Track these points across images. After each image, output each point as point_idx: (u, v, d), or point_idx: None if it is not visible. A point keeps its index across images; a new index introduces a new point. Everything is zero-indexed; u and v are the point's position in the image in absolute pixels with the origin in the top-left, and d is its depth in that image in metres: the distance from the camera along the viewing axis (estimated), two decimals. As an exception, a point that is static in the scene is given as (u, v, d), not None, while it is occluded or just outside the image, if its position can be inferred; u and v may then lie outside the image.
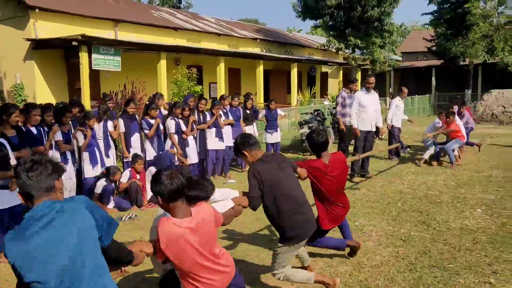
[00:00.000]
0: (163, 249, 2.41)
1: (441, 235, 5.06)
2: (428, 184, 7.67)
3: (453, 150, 9.09)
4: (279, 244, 3.50)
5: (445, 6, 26.44)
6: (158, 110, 7.52)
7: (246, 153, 3.47)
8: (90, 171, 6.53)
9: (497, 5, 25.73)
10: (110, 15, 16.05)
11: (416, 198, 6.72)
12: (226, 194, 3.38)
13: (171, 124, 7.54)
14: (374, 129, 8.18)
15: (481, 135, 14.17)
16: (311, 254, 4.54)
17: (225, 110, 8.93)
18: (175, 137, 7.56)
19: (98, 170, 6.62)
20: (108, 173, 6.56)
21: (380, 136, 8.66)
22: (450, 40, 25.40)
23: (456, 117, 9.54)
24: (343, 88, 9.89)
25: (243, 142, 3.50)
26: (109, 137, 7.03)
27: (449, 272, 4.08)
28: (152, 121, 7.34)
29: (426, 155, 9.41)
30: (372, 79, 8.06)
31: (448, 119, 9.13)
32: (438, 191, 7.09)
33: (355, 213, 6.00)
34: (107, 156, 6.90)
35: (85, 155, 6.50)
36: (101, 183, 6.54)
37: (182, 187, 2.49)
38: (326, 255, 4.55)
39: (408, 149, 11.45)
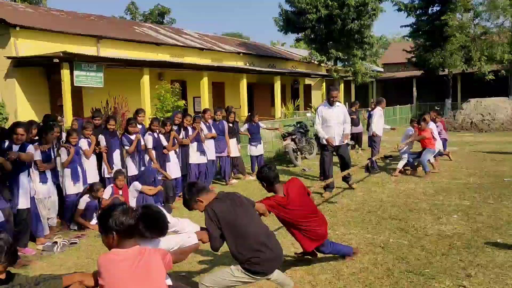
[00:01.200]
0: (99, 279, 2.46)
1: (419, 241, 5.18)
2: (407, 192, 7.83)
3: (428, 161, 9.29)
4: (239, 268, 3.39)
5: (423, 18, 27.11)
6: (137, 126, 7.55)
7: (201, 199, 3.44)
8: (71, 188, 6.52)
9: (473, 17, 26.50)
10: (92, 32, 16.11)
11: (396, 206, 6.86)
12: (185, 226, 3.36)
13: (148, 139, 7.59)
14: (339, 143, 7.85)
15: (460, 143, 14.49)
16: (290, 263, 4.61)
17: (208, 124, 9.01)
18: (153, 152, 7.60)
19: (80, 187, 6.61)
20: (91, 189, 6.56)
21: (347, 143, 8.31)
22: (429, 51, 26.02)
23: (431, 123, 9.76)
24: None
25: (192, 192, 3.46)
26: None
27: (425, 276, 4.19)
28: (132, 137, 7.37)
29: (400, 165, 9.51)
30: (335, 93, 7.83)
31: (420, 126, 9.28)
32: (417, 199, 7.25)
33: (335, 222, 6.11)
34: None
35: (67, 172, 6.49)
36: (85, 199, 6.54)
37: (133, 227, 2.53)
38: (306, 263, 4.62)
39: (390, 158, 11.66)
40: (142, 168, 7.40)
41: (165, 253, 2.69)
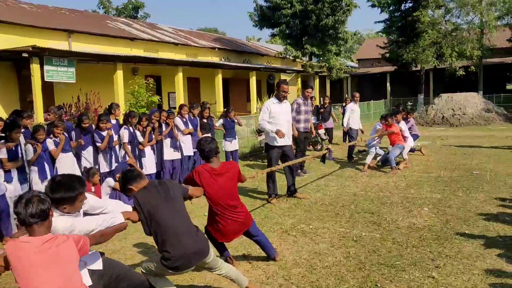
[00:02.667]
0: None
1: (390, 234, 5.28)
2: (380, 186, 7.97)
3: (397, 156, 9.37)
4: (160, 261, 3.35)
5: (396, 14, 27.55)
6: (108, 122, 7.42)
7: (133, 187, 3.40)
8: (39, 185, 6.35)
9: (444, 13, 27.08)
10: (63, 26, 15.72)
11: (369, 200, 6.97)
12: (118, 208, 3.34)
13: (124, 133, 7.49)
14: (289, 143, 7.19)
15: (432, 138, 14.82)
16: (264, 258, 4.63)
17: (184, 120, 8.94)
18: (129, 147, 7.51)
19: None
20: None
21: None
22: (401, 47, 26.48)
23: (402, 122, 9.89)
24: (300, 95, 10.00)
25: (127, 178, 3.43)
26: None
27: (396, 268, 4.28)
28: (104, 134, 7.25)
29: (368, 160, 9.52)
30: (286, 87, 7.04)
31: (387, 122, 9.38)
32: (389, 192, 7.38)
33: (310, 217, 6.17)
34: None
35: (34, 169, 6.31)
36: None
37: (40, 212, 2.49)
38: (280, 259, 4.64)
39: (364, 153, 11.85)
40: (115, 165, 7.30)
41: (78, 238, 2.62)
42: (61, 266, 2.46)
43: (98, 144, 7.19)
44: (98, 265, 3.01)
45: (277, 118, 6.94)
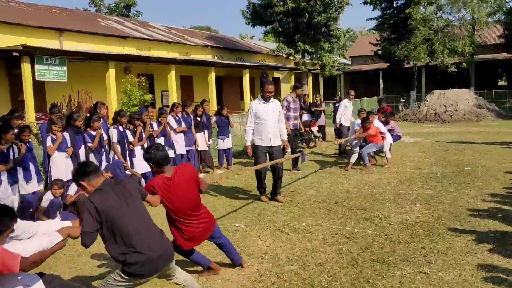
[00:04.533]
0: None
1: (383, 231, 5.31)
2: (373, 182, 8.00)
3: (369, 154, 9.28)
4: (120, 273, 3.08)
5: (388, 11, 27.64)
6: (100, 121, 7.37)
7: (84, 183, 3.11)
8: (24, 187, 6.26)
9: (436, 10, 27.21)
10: (54, 24, 15.62)
11: (361, 196, 7.00)
12: (53, 227, 3.04)
13: (113, 133, 7.45)
14: (277, 143, 6.84)
15: (424, 134, 14.90)
16: (257, 255, 4.64)
17: (177, 118, 8.93)
18: (118, 146, 7.46)
19: (35, 185, 6.38)
20: (52, 186, 6.37)
21: (286, 150, 7.16)
22: (394, 44, 26.57)
23: (376, 121, 9.73)
24: (290, 93, 9.96)
25: (79, 172, 3.15)
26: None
27: (388, 265, 4.30)
28: (94, 133, 7.21)
29: (353, 159, 9.35)
30: (271, 87, 6.73)
31: (364, 126, 9.18)
32: (382, 189, 7.42)
33: (302, 214, 6.19)
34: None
35: (19, 171, 6.22)
36: (48, 196, 6.34)
37: None
38: (273, 256, 4.66)
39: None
40: (105, 164, 7.26)
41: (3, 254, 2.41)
42: None
43: (89, 144, 7.14)
44: (39, 286, 2.79)
45: (264, 118, 6.70)
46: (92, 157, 7.24)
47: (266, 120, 6.72)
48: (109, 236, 3.00)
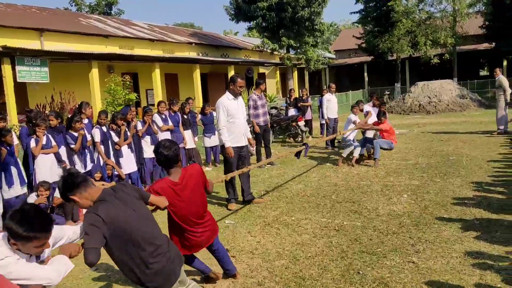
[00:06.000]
0: None
1: (371, 222, 5.36)
2: (360, 175, 8.06)
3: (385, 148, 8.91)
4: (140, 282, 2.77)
5: (370, 4, 27.82)
6: (82, 122, 7.27)
7: (75, 198, 2.64)
8: (7, 192, 6.16)
9: (418, 2, 27.47)
10: (35, 24, 15.37)
11: (349, 189, 7.05)
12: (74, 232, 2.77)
13: (96, 133, 7.36)
14: (246, 142, 6.58)
15: (409, 125, 15.06)
16: (247, 251, 4.64)
17: (163, 116, 8.86)
18: (102, 147, 7.38)
19: (18, 189, 6.28)
20: (37, 188, 6.28)
21: (251, 149, 6.74)
22: (377, 37, 26.77)
23: (371, 108, 9.77)
24: (254, 91, 9.76)
25: (67, 186, 2.65)
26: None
27: (377, 255, 4.34)
28: (76, 134, 7.12)
29: (346, 153, 9.19)
30: (243, 82, 6.34)
31: (379, 121, 8.93)
32: (369, 181, 7.48)
33: (291, 208, 6.21)
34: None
35: (1, 175, 6.10)
36: (33, 198, 6.26)
37: None
38: (263, 251, 4.67)
39: (343, 144, 11.98)
40: (91, 165, 7.18)
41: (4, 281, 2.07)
42: None
43: (72, 146, 7.05)
44: None
45: (236, 116, 6.32)
46: (76, 159, 7.15)
47: (238, 118, 6.36)
48: (123, 251, 2.65)
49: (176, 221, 3.47)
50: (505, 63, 27.03)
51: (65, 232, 2.71)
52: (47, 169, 6.61)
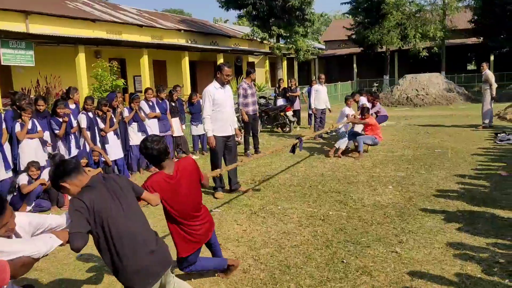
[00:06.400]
0: None
1: (356, 212, 5.41)
2: (347, 166, 8.11)
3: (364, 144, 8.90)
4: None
5: (362, -5, 27.79)
6: (65, 107, 7.17)
7: (66, 185, 2.61)
8: None
9: (408, -6, 27.54)
10: (20, 6, 15.01)
11: (336, 179, 7.10)
12: (59, 223, 2.71)
13: (82, 118, 7.28)
14: (233, 132, 6.51)
15: (397, 118, 15.17)
16: (233, 239, 4.66)
17: (151, 103, 8.79)
18: (88, 133, 7.31)
19: (2, 173, 6.19)
20: (27, 168, 6.22)
21: (237, 139, 6.81)
22: (367, 28, 26.82)
23: (363, 98, 9.87)
24: (244, 79, 9.73)
25: (58, 173, 2.63)
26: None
27: (361, 245, 4.39)
28: (61, 120, 7.04)
29: (339, 145, 9.10)
30: (230, 70, 6.29)
31: (363, 116, 8.87)
32: (356, 172, 7.54)
33: (278, 197, 6.24)
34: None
35: None
36: (23, 177, 6.19)
37: None
38: (249, 239, 4.69)
39: (333, 133, 12.02)
40: (76, 151, 7.11)
41: None
42: None
43: (56, 131, 6.97)
44: None
45: (222, 105, 6.23)
46: (60, 144, 7.08)
47: (225, 107, 6.27)
48: (104, 239, 2.59)
49: (173, 216, 3.37)
50: (492, 58, 27.31)
51: (46, 221, 2.64)
52: (32, 153, 6.55)
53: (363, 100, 10.10)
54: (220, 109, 6.23)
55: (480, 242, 4.27)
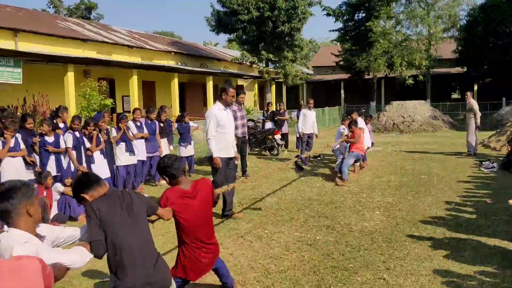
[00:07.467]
0: None
1: (344, 238, 5.38)
2: (334, 190, 8.11)
3: (352, 164, 9.14)
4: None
5: (349, 24, 28.40)
6: (50, 125, 7.12)
7: (87, 196, 2.72)
8: None
9: (395, 24, 28.24)
10: (9, 24, 15.01)
11: (323, 204, 7.08)
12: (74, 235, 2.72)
13: (68, 138, 7.20)
14: (234, 154, 6.52)
15: (383, 144, 15.32)
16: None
17: (139, 123, 8.74)
18: (74, 152, 7.22)
19: None
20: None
21: (236, 162, 6.80)
22: (355, 55, 27.30)
23: (364, 125, 10.12)
24: (234, 101, 9.66)
25: (81, 185, 2.76)
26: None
27: (349, 271, 4.35)
28: (47, 138, 6.95)
29: (338, 167, 9.20)
30: (234, 91, 6.32)
31: (350, 129, 9.26)
32: (343, 197, 7.53)
33: (265, 221, 6.18)
34: None
35: None
36: (59, 187, 6.09)
37: None
38: (235, 264, 4.61)
39: (319, 158, 12.07)
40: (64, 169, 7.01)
41: (45, 265, 1.91)
42: None
43: (47, 147, 6.90)
44: None
45: (226, 126, 6.20)
46: (50, 160, 6.98)
47: (228, 128, 6.26)
48: (110, 247, 2.64)
49: (183, 234, 3.39)
50: (475, 87, 27.93)
51: (64, 232, 2.69)
52: (13, 172, 6.42)
53: (360, 120, 10.26)
54: (224, 131, 6.18)
55: (467, 270, 4.27)
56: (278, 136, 12.81)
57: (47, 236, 2.51)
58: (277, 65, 24.00)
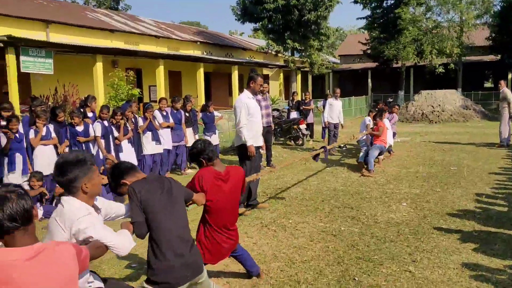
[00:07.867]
0: None
1: (369, 229, 5.32)
2: (360, 181, 8.02)
3: (376, 156, 8.95)
4: (144, 285, 2.77)
5: (377, 11, 27.76)
6: (80, 116, 7.29)
7: (127, 181, 2.81)
8: (8, 177, 6.17)
9: (425, 11, 27.42)
10: (41, 16, 15.36)
11: (348, 194, 7.01)
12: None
13: (97, 127, 7.36)
14: (262, 143, 6.50)
15: (412, 134, 15.02)
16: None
17: (165, 113, 8.84)
18: (102, 141, 7.37)
19: (18, 176, 6.27)
20: (30, 177, 6.26)
21: (262, 151, 6.71)
22: (383, 43, 26.72)
23: (386, 120, 9.84)
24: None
25: (116, 175, 2.85)
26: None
27: (373, 263, 4.30)
28: (77, 128, 7.13)
29: (363, 158, 9.11)
30: (262, 80, 6.26)
31: (375, 121, 9.22)
32: (369, 188, 7.44)
33: (289, 211, 6.17)
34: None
35: (5, 160, 6.14)
36: (25, 187, 6.24)
37: (24, 212, 1.76)
38: (259, 253, 4.63)
39: (344, 148, 11.96)
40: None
41: (80, 249, 2.00)
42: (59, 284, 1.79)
43: (78, 138, 7.09)
44: (99, 283, 2.53)
45: (255, 115, 6.14)
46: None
47: (257, 117, 6.20)
48: (149, 230, 2.74)
49: (207, 215, 3.45)
50: (510, 75, 26.94)
51: (112, 207, 2.83)
52: (45, 160, 6.61)
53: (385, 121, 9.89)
54: (253, 119, 6.12)
55: (497, 264, 4.15)
56: (303, 126, 12.73)
57: (102, 210, 2.65)
58: (303, 54, 23.77)
